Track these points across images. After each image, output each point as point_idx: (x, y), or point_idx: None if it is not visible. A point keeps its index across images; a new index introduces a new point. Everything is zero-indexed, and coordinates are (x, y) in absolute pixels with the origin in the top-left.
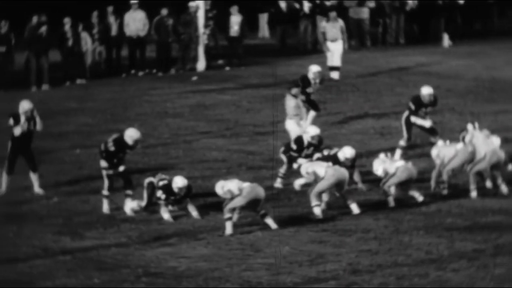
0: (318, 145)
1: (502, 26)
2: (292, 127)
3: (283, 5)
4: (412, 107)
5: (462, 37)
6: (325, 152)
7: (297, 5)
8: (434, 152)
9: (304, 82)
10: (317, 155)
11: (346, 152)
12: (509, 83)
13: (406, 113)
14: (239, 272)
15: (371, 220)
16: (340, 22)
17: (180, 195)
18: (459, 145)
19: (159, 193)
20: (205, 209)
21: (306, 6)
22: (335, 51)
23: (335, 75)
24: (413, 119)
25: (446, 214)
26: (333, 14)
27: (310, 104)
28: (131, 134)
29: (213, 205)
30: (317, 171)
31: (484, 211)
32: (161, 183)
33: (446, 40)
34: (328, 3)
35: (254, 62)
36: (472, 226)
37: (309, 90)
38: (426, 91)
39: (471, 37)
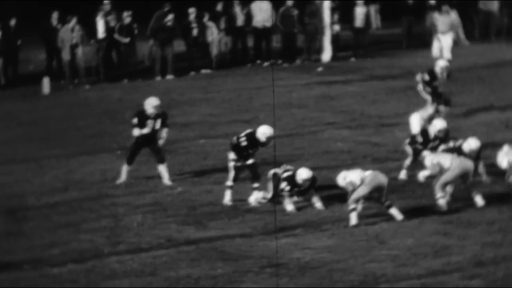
0: (444, 138)
1: None
2: (414, 122)
3: None
4: None
5: None
6: (450, 144)
7: None
8: None
9: (431, 76)
10: (442, 147)
11: (471, 144)
12: None
13: None
14: (363, 263)
15: (496, 212)
16: (453, 15)
17: (304, 186)
18: None
19: (283, 185)
20: (330, 200)
21: None
22: (444, 44)
23: None
24: None
25: None
26: (445, 7)
27: (437, 97)
28: (264, 131)
29: (337, 196)
30: (442, 162)
31: None
32: (285, 175)
33: None
34: None
35: (380, 53)
36: None
37: (435, 83)
38: None
39: None
